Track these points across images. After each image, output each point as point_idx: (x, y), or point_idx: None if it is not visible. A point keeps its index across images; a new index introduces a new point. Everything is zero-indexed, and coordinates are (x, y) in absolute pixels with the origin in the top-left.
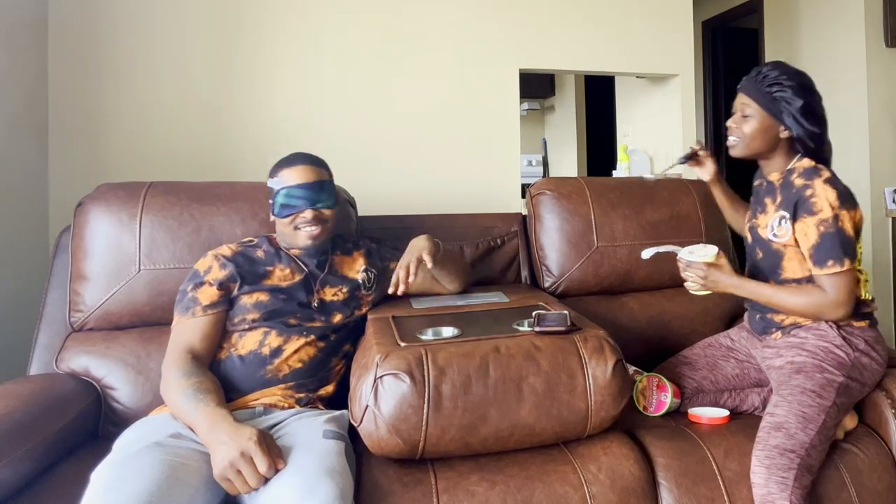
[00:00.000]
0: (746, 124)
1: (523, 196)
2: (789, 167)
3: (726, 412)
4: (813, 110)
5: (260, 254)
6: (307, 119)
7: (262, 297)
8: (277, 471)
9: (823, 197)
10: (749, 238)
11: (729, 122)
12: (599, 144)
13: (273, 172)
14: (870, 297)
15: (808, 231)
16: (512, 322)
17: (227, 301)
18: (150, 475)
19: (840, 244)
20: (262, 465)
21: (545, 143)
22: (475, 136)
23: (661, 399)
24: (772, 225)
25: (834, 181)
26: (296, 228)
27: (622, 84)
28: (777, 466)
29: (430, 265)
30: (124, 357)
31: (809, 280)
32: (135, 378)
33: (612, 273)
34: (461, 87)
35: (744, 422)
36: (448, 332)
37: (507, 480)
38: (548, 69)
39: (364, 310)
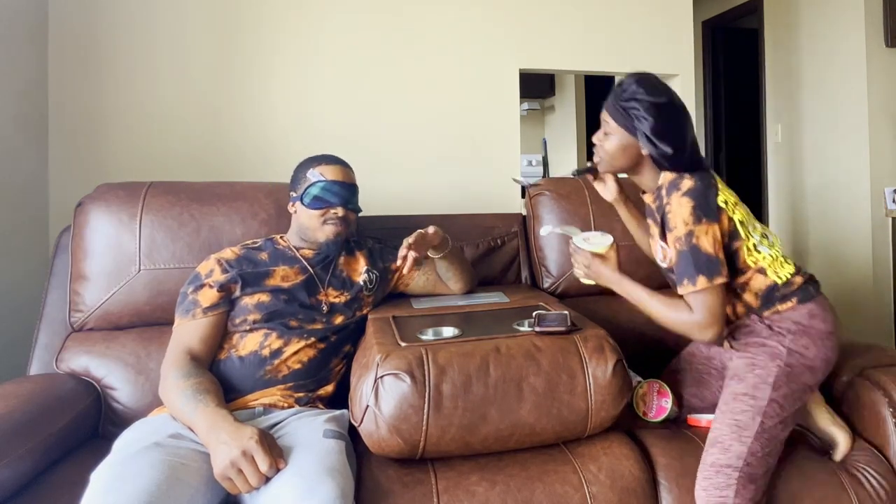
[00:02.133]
0: (608, 142)
1: (523, 196)
2: (659, 184)
3: None
4: (664, 131)
5: (263, 256)
6: (307, 119)
7: (264, 297)
8: (278, 470)
9: (678, 213)
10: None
11: (593, 139)
12: None
13: (307, 165)
14: (788, 276)
15: (670, 250)
16: (512, 322)
17: (227, 302)
18: (150, 475)
19: (693, 262)
20: (263, 463)
21: (545, 143)
22: (475, 136)
23: (662, 405)
24: (657, 250)
25: (693, 192)
26: (324, 223)
27: None
28: (714, 486)
29: (431, 231)
30: (124, 357)
31: None
32: (135, 378)
33: None
34: (461, 87)
35: None
36: (448, 332)
37: (507, 480)
38: (548, 69)
39: (365, 310)
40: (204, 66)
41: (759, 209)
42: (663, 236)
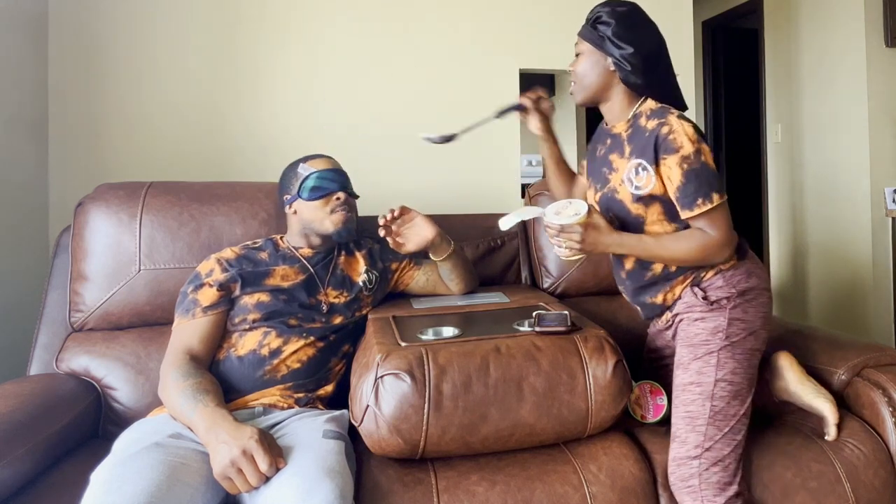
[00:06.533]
0: (578, 64)
1: (523, 196)
2: (634, 112)
3: None
4: (625, 31)
5: (263, 256)
6: (307, 119)
7: (263, 297)
8: (278, 469)
9: (682, 132)
10: (598, 210)
11: (567, 67)
12: None
13: (294, 165)
14: None
15: (672, 172)
16: (512, 322)
17: (227, 302)
18: (150, 476)
19: (706, 179)
20: (263, 463)
21: None
22: (475, 135)
23: (658, 403)
24: (628, 178)
25: (685, 117)
26: (331, 212)
27: None
28: (680, 478)
29: (410, 211)
30: (124, 357)
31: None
32: (135, 378)
33: (612, 274)
34: (461, 87)
35: None
36: (448, 331)
37: (507, 480)
38: (548, 69)
39: (365, 311)
40: (204, 66)
41: (759, 209)
42: (654, 162)
